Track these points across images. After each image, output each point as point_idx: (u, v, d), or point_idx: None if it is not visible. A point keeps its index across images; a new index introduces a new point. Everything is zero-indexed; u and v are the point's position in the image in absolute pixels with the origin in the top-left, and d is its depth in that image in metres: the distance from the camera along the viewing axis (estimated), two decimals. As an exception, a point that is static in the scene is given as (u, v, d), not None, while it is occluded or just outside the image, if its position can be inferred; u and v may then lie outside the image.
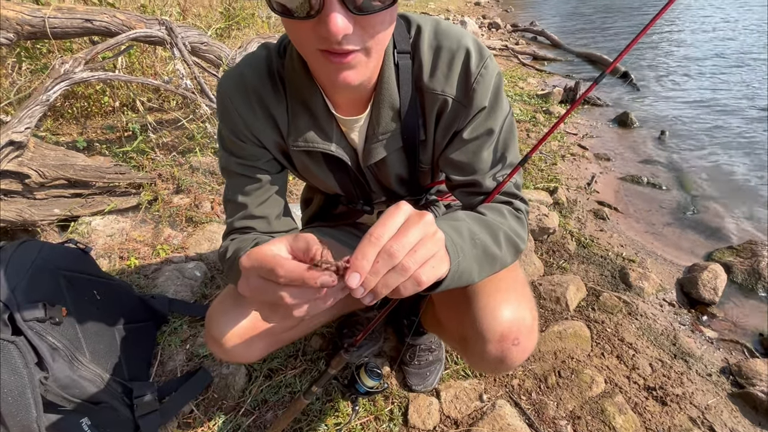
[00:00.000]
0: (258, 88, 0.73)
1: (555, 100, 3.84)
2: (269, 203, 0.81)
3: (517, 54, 5.68)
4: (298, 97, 0.72)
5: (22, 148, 1.59)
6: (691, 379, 1.37)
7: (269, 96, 0.73)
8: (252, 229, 0.80)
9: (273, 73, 0.73)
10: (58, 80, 1.69)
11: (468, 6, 10.99)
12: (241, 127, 0.75)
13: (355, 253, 0.44)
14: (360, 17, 0.51)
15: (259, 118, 0.74)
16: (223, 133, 0.77)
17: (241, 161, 0.78)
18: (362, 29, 0.53)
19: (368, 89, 0.71)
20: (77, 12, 1.98)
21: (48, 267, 1.06)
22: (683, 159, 2.96)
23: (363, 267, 0.43)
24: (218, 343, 0.80)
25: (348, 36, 0.51)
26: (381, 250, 0.44)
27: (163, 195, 2.04)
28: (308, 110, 0.73)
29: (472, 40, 0.70)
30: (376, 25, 0.54)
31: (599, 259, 1.91)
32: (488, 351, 0.73)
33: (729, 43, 5.78)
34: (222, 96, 0.75)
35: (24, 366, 0.88)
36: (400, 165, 0.82)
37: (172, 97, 2.87)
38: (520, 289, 0.78)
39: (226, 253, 0.77)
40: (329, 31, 0.49)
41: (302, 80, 0.70)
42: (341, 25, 0.49)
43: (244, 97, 0.73)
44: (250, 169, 0.78)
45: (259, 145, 0.77)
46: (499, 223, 0.69)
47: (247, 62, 0.74)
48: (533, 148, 0.70)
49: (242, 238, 0.78)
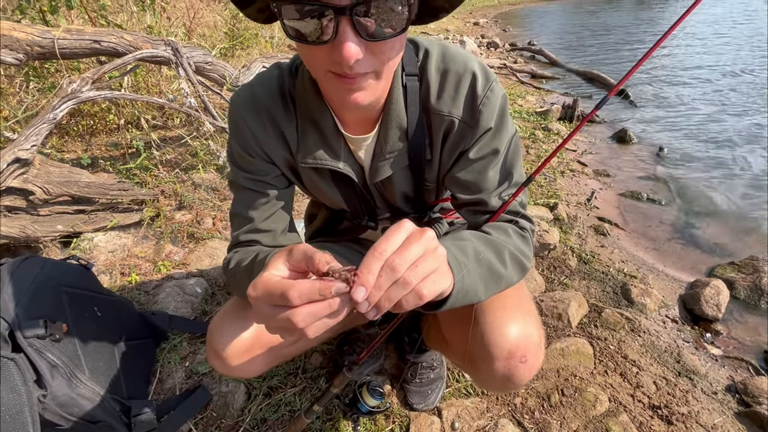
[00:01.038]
0: (269, 106, 0.75)
1: (553, 117, 3.89)
2: (275, 217, 0.82)
3: (516, 72, 5.79)
4: (308, 115, 0.74)
5: (27, 165, 1.62)
6: (697, 397, 1.35)
7: (280, 114, 0.76)
8: (257, 243, 0.81)
9: (284, 92, 0.76)
10: (65, 99, 1.72)
11: (467, 26, 11.23)
12: (251, 143, 0.76)
13: (361, 267, 0.44)
14: (371, 43, 0.53)
15: (270, 135, 0.76)
16: (234, 148, 0.79)
17: (250, 176, 0.79)
18: (373, 54, 0.55)
19: (377, 109, 0.73)
20: (86, 33, 2.03)
21: (50, 283, 1.06)
22: (682, 175, 2.98)
23: (368, 281, 0.44)
24: (219, 356, 0.80)
25: (359, 60, 0.53)
26: (384, 265, 0.45)
27: (165, 211, 2.05)
28: (317, 128, 0.75)
29: (479, 65, 0.73)
30: (387, 51, 0.56)
31: (600, 275, 1.90)
32: (495, 369, 0.73)
33: (725, 59, 5.88)
34: (234, 113, 0.77)
35: (23, 384, 0.88)
36: (405, 183, 0.84)
37: (176, 114, 2.91)
38: (527, 306, 0.79)
39: (229, 264, 0.78)
40: (342, 57, 0.51)
41: (312, 100, 0.72)
42: (354, 51, 0.51)
43: (255, 114, 0.75)
44: (259, 184, 0.80)
45: (268, 161, 0.79)
46: (504, 242, 0.71)
47: (259, 81, 0.77)
48: (537, 170, 0.72)
49: (246, 250, 0.79)
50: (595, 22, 11.19)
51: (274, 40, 5.14)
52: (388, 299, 0.45)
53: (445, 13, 0.62)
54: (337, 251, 1.01)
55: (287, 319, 0.45)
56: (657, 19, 11.05)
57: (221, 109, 2.92)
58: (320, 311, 0.44)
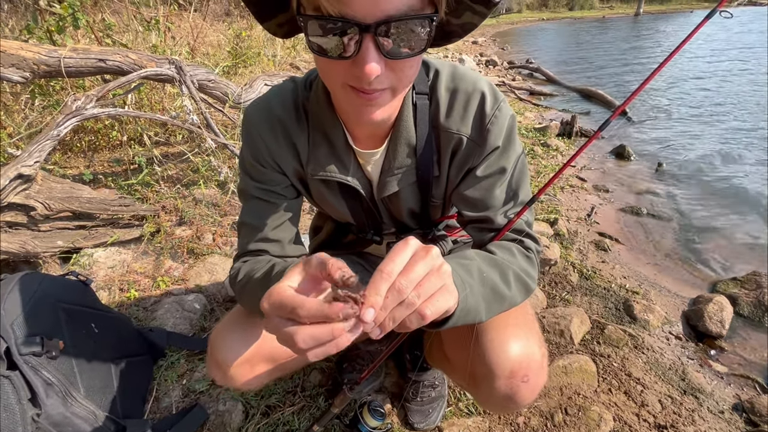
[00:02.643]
0: (283, 117, 0.77)
1: (552, 134, 3.92)
2: (283, 227, 0.83)
3: (514, 89, 5.87)
4: (320, 128, 0.76)
5: (30, 182, 1.62)
6: (703, 416, 1.32)
7: (292, 125, 0.77)
8: (265, 252, 0.82)
9: (298, 104, 0.77)
10: (70, 116, 1.74)
11: (466, 44, 11.44)
12: (263, 153, 0.78)
13: (369, 289, 0.45)
14: (391, 61, 0.55)
15: (282, 146, 0.78)
16: (246, 158, 0.80)
17: (260, 185, 0.80)
18: (392, 71, 0.56)
19: (387, 125, 0.75)
20: (92, 52, 2.07)
21: (48, 300, 1.06)
22: (681, 190, 2.99)
23: (377, 302, 0.44)
24: (221, 367, 0.80)
25: (378, 77, 0.55)
26: (390, 286, 0.45)
27: (165, 227, 2.05)
28: (328, 141, 0.76)
29: (488, 85, 0.74)
30: (405, 69, 0.58)
31: (602, 290, 1.89)
32: (497, 388, 0.72)
33: (721, 78, 5.97)
34: (248, 123, 0.78)
35: (17, 402, 0.86)
36: (412, 199, 0.85)
37: (178, 131, 2.94)
38: (530, 324, 0.78)
39: (238, 275, 0.78)
40: (363, 73, 0.53)
41: (325, 113, 0.74)
42: (375, 69, 0.53)
43: (268, 125, 0.77)
44: (269, 194, 0.81)
45: (279, 171, 0.80)
46: (508, 263, 0.71)
47: (274, 93, 0.79)
48: (541, 190, 0.74)
49: (256, 260, 0.79)
50: (590, 41, 11.41)
51: (276, 58, 5.24)
52: (393, 319, 0.46)
53: (458, 38, 0.64)
54: None
55: (290, 336, 0.45)
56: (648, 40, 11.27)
57: (223, 126, 2.95)
58: (323, 336, 0.44)
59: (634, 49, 9.37)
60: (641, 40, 10.96)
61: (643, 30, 13.49)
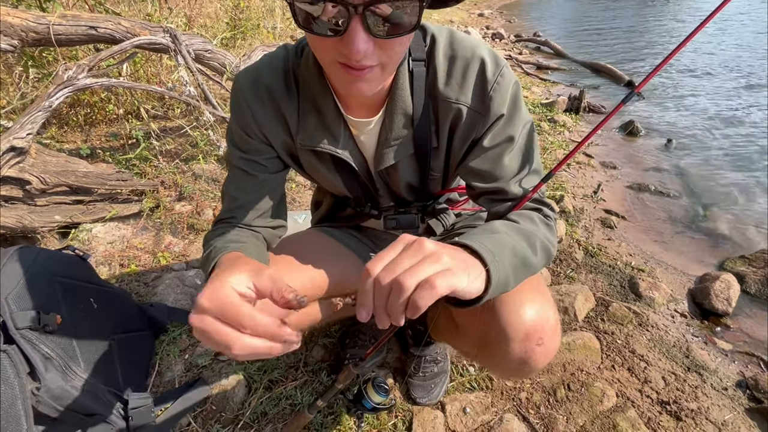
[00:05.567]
0: (271, 85, 0.74)
1: (559, 109, 3.82)
2: (258, 199, 0.82)
3: (521, 63, 5.70)
4: (310, 97, 0.73)
5: (23, 154, 1.58)
6: (706, 393, 1.32)
7: (282, 94, 0.74)
8: (234, 219, 0.81)
9: (288, 72, 0.74)
10: (61, 86, 1.68)
11: (471, 17, 11.08)
12: (249, 122, 0.76)
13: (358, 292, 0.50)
14: (380, 39, 0.53)
15: (269, 115, 0.75)
16: (232, 126, 0.78)
17: (244, 155, 0.79)
18: (381, 49, 0.55)
19: (381, 94, 0.72)
20: (82, 19, 1.98)
21: (44, 274, 1.04)
22: (690, 167, 2.92)
23: (367, 303, 0.50)
24: None
25: (367, 54, 0.53)
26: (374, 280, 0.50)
27: (165, 202, 2.02)
28: (318, 111, 0.73)
29: (487, 50, 0.70)
30: (395, 47, 0.57)
31: (608, 268, 1.87)
32: (511, 350, 0.70)
33: (733, 54, 5.78)
34: (236, 90, 0.76)
35: (15, 376, 0.85)
36: (410, 172, 0.82)
37: (176, 105, 2.87)
38: (543, 289, 0.77)
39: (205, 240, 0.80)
40: (351, 51, 0.52)
41: (315, 81, 0.71)
42: (363, 47, 0.52)
43: (256, 93, 0.74)
44: (250, 164, 0.79)
45: (265, 142, 0.78)
46: (534, 231, 0.70)
47: (265, 60, 0.76)
48: (557, 166, 0.71)
49: (222, 228, 0.80)
50: (602, 14, 11.02)
51: (276, 30, 5.08)
52: (393, 308, 0.48)
53: (455, 3, 0.61)
54: (337, 237, 1.00)
55: (227, 343, 0.46)
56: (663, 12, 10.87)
57: (221, 98, 2.87)
58: (261, 351, 0.47)
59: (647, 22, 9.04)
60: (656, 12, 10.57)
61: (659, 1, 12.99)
